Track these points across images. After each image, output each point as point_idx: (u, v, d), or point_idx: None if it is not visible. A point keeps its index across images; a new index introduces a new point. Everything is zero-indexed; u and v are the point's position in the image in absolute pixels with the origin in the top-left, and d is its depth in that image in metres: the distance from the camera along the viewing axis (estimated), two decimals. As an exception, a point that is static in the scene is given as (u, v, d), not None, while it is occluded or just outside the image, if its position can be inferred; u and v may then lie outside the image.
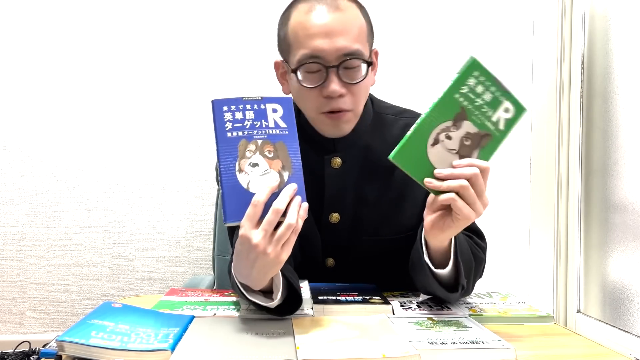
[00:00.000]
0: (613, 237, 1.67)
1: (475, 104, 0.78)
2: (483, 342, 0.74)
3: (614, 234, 1.67)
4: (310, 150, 1.04)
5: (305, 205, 0.75)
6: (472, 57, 0.78)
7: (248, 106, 0.78)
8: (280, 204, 0.72)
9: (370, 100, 1.09)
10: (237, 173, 0.75)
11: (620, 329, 1.62)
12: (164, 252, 1.96)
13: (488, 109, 0.78)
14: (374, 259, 1.06)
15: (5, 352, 1.80)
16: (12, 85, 1.88)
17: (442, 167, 0.78)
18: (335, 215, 1.06)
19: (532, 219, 2.01)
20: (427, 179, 0.78)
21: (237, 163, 0.75)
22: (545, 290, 1.94)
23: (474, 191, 0.77)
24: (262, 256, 0.72)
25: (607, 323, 1.68)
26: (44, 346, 0.73)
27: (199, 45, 1.94)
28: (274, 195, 0.74)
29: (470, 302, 0.99)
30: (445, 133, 0.78)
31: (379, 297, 0.95)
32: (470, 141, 0.78)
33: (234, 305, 0.93)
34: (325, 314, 0.88)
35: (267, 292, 0.83)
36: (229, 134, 0.76)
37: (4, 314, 1.91)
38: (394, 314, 0.90)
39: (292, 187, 0.75)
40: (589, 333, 1.70)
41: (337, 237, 1.06)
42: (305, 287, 1.00)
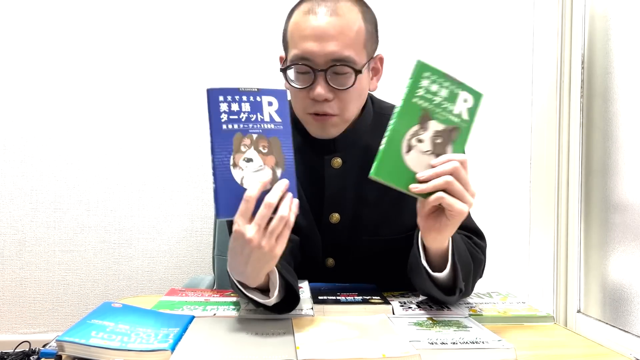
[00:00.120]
0: (613, 237, 1.67)
1: (435, 102, 0.80)
2: (483, 342, 0.74)
3: (614, 234, 1.67)
4: (310, 150, 1.04)
5: (297, 202, 0.75)
6: (419, 60, 0.79)
7: (244, 97, 0.75)
8: (272, 198, 0.73)
9: (371, 100, 1.09)
10: (231, 168, 0.73)
11: (620, 329, 1.62)
12: (164, 252, 1.96)
13: (448, 104, 0.80)
14: (374, 259, 1.06)
15: (5, 352, 1.80)
16: (12, 85, 1.88)
17: (422, 170, 0.79)
18: (336, 216, 1.06)
19: (532, 219, 2.01)
20: (412, 185, 0.79)
21: (231, 157, 0.74)
22: (545, 290, 1.94)
23: (460, 184, 0.78)
24: (257, 250, 0.73)
25: (607, 323, 1.68)
26: (44, 346, 0.73)
27: (198, 45, 1.94)
28: (266, 192, 0.73)
29: (470, 302, 0.98)
30: (415, 137, 0.79)
31: (379, 297, 0.95)
32: (441, 138, 0.80)
33: (234, 305, 0.93)
34: (325, 314, 0.88)
35: (265, 290, 0.83)
36: (224, 126, 0.74)
37: (4, 314, 1.91)
38: (394, 314, 0.89)
39: (284, 183, 0.75)
40: (589, 333, 1.70)
41: (337, 237, 1.06)
42: (305, 287, 1.00)
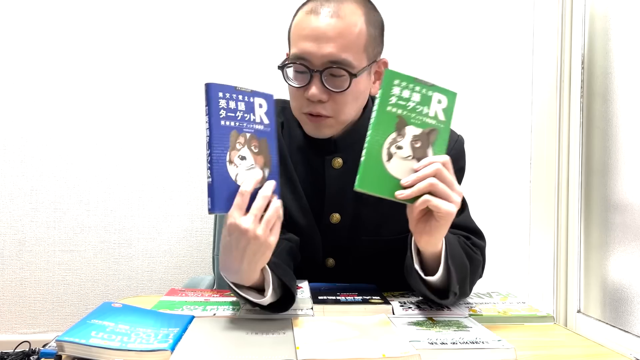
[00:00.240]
0: (613, 237, 1.67)
1: (409, 108, 0.81)
2: (483, 342, 0.74)
3: (614, 234, 1.67)
4: (311, 150, 1.04)
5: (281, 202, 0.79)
6: (386, 69, 0.82)
7: (240, 96, 0.77)
8: (267, 192, 0.76)
9: (372, 101, 1.09)
10: (227, 164, 0.75)
11: (620, 329, 1.62)
12: (164, 252, 1.96)
13: (422, 107, 0.82)
14: (374, 259, 1.06)
15: (5, 352, 1.80)
16: (12, 85, 1.88)
17: (405, 176, 0.80)
18: (336, 216, 1.06)
19: (532, 219, 2.01)
20: (397, 192, 0.80)
21: (228, 153, 0.75)
22: (545, 290, 1.94)
23: (444, 184, 0.79)
24: (253, 241, 0.74)
25: (607, 323, 1.68)
26: (44, 346, 0.73)
27: (198, 45, 1.94)
28: (257, 189, 0.76)
29: (470, 302, 0.98)
30: (394, 145, 0.80)
31: (379, 297, 0.95)
32: (419, 142, 0.81)
33: (234, 305, 0.93)
34: (325, 314, 0.88)
35: (261, 290, 0.83)
36: (222, 122, 0.75)
37: (4, 314, 1.91)
38: (394, 314, 0.90)
39: (273, 183, 0.78)
40: (589, 333, 1.70)
41: (338, 237, 1.06)
42: (305, 287, 1.00)
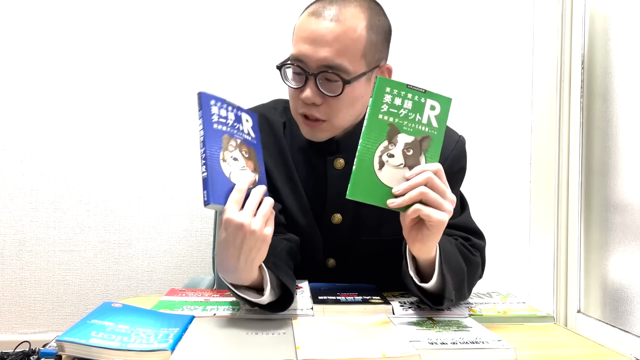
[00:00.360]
0: (613, 237, 1.67)
1: (401, 115, 0.80)
2: (483, 342, 0.74)
3: (614, 234, 1.67)
4: (313, 151, 1.04)
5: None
6: (377, 77, 0.81)
7: (230, 108, 0.81)
8: (261, 189, 0.79)
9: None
10: (220, 162, 0.77)
11: (620, 329, 1.62)
12: (164, 252, 1.96)
13: (414, 114, 0.80)
14: (375, 259, 1.06)
15: (5, 352, 1.80)
16: (12, 85, 1.88)
17: (397, 185, 0.79)
18: (338, 216, 1.06)
19: (532, 219, 2.01)
20: (389, 201, 0.79)
21: (221, 152, 0.78)
22: (545, 290, 1.94)
23: (436, 193, 0.78)
24: (249, 235, 0.75)
25: (607, 323, 1.68)
26: (44, 346, 0.73)
27: (198, 47, 1.94)
28: (250, 189, 0.78)
29: (470, 302, 0.99)
30: (386, 153, 0.80)
31: (379, 297, 0.95)
32: (412, 150, 0.80)
33: (233, 305, 0.93)
34: (325, 314, 0.88)
35: (259, 290, 0.83)
36: (215, 126, 0.78)
37: (4, 314, 1.91)
38: (394, 314, 0.90)
39: (264, 187, 0.80)
40: (589, 333, 1.70)
41: (339, 237, 1.06)
42: (305, 287, 1.00)
